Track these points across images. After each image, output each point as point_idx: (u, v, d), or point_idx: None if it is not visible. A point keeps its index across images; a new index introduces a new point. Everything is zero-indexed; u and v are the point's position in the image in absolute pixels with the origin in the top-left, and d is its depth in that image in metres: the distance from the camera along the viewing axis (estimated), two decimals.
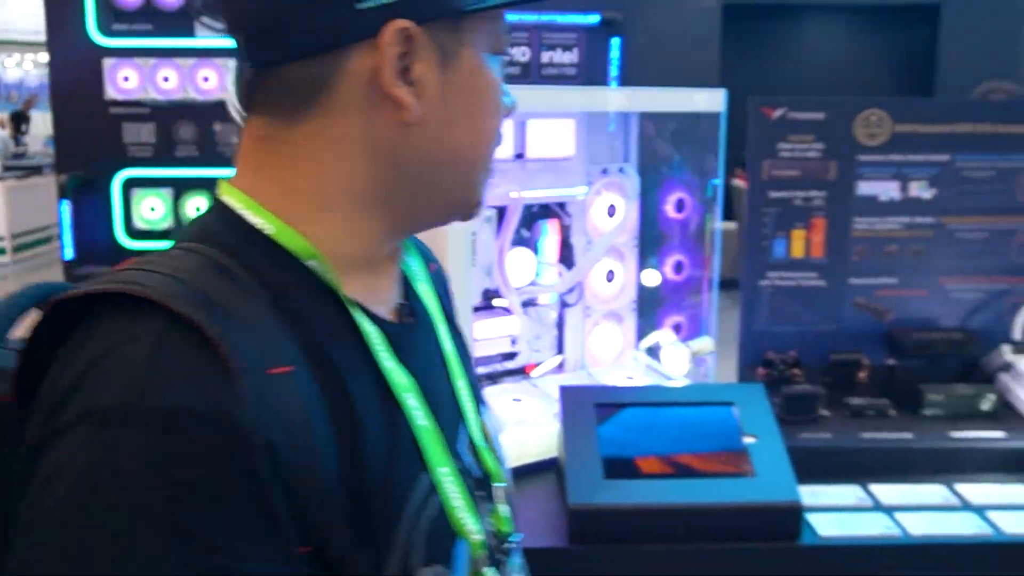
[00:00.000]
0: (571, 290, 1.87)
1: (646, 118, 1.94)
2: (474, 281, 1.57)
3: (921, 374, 1.81)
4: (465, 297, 1.52)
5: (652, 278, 2.10)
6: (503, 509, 0.85)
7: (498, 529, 0.83)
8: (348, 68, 0.68)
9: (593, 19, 3.22)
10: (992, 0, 6.33)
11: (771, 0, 6.33)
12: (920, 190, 1.88)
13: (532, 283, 1.77)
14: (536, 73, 3.43)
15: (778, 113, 1.83)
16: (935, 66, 6.44)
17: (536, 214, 1.80)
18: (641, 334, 1.99)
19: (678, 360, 1.78)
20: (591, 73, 3.40)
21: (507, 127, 1.68)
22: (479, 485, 0.82)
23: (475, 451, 0.84)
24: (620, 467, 1.44)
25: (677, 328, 2.06)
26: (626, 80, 3.42)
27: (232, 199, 0.71)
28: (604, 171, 1.89)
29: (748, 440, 1.49)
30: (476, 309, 1.71)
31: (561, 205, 1.84)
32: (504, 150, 1.70)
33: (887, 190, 1.87)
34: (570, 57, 3.38)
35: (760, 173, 1.85)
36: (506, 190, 1.67)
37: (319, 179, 0.71)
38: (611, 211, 1.90)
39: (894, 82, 6.85)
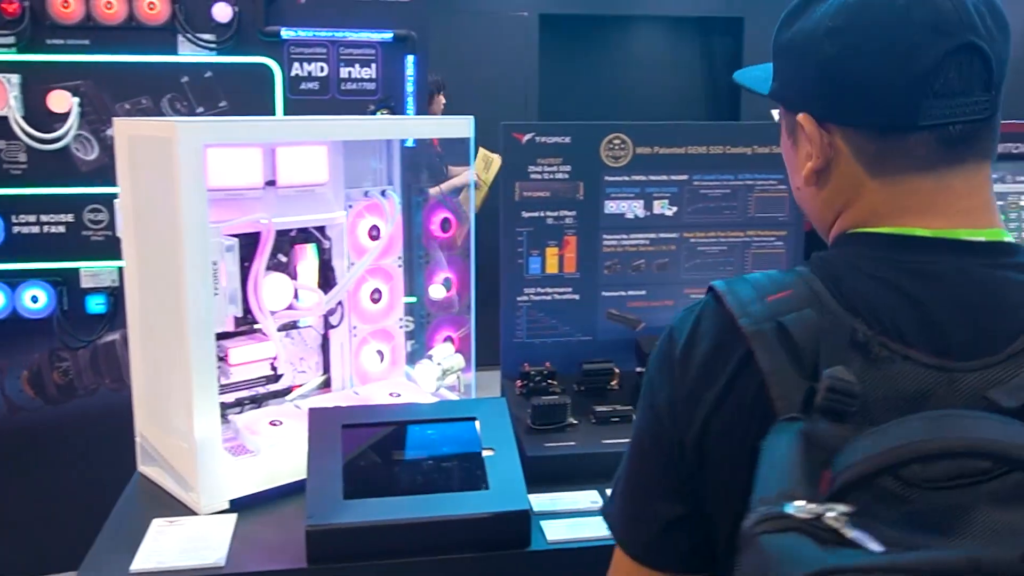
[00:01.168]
0: (332, 311, 1.91)
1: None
2: (218, 308, 1.59)
3: None
4: (206, 324, 1.54)
5: (436, 292, 2.16)
6: None
7: None
8: None
9: (387, 35, 3.27)
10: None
11: (585, 11, 6.53)
12: (663, 208, 2.01)
13: (291, 307, 1.80)
14: (335, 89, 3.45)
15: (527, 137, 1.92)
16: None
17: (294, 239, 1.83)
18: (422, 351, 2.05)
19: (429, 377, 1.85)
20: (390, 89, 3.44)
21: (256, 156, 1.71)
22: None
23: None
24: (361, 486, 1.49)
25: (450, 343, 2.14)
26: (423, 97, 3.48)
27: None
28: (366, 194, 1.94)
29: (486, 453, 1.57)
30: (227, 335, 1.73)
31: (321, 229, 1.88)
32: (253, 178, 1.72)
33: (632, 208, 2.00)
34: (368, 73, 3.41)
35: (513, 195, 1.94)
36: (256, 217, 1.69)
37: None
38: (375, 233, 1.95)
39: (706, 92, 7.19)
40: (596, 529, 1.53)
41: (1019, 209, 2.13)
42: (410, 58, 3.30)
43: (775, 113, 1.10)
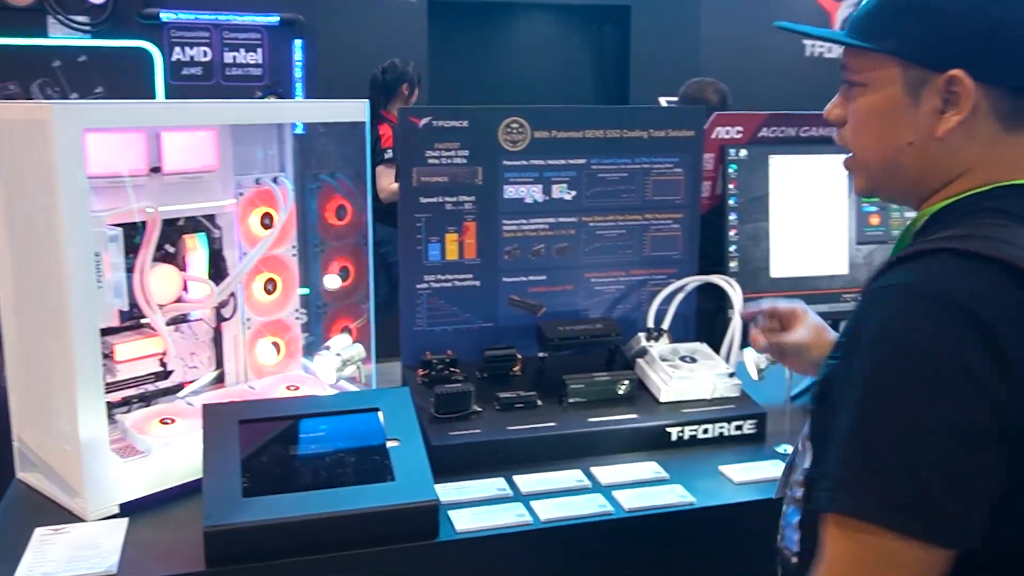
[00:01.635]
0: (225, 303, 1.84)
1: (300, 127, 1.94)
2: (102, 302, 1.50)
3: (573, 364, 1.93)
4: (90, 319, 1.45)
5: (332, 282, 2.11)
6: None
7: None
8: None
9: (273, 19, 3.17)
10: (673, 1, 6.85)
11: None
12: (562, 192, 2.00)
13: (180, 300, 1.72)
14: (219, 74, 3.33)
15: (424, 122, 1.89)
16: (629, 65, 6.88)
17: (183, 228, 1.75)
18: (319, 342, 1.99)
19: (328, 369, 1.80)
20: (277, 74, 3.34)
21: (139, 141, 1.62)
22: None
23: None
24: (262, 483, 1.44)
25: (348, 333, 2.08)
26: (313, 82, 3.39)
27: None
28: (257, 181, 1.87)
29: (391, 444, 1.53)
30: (112, 331, 1.64)
31: (211, 218, 1.80)
32: (137, 164, 1.64)
33: (532, 193, 1.98)
34: (254, 58, 3.30)
35: (411, 180, 1.90)
36: (142, 206, 1.61)
37: None
38: (267, 221, 1.88)
39: (596, 78, 7.25)
40: (502, 517, 1.51)
41: None
42: (297, 42, 3.21)
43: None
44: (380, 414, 1.58)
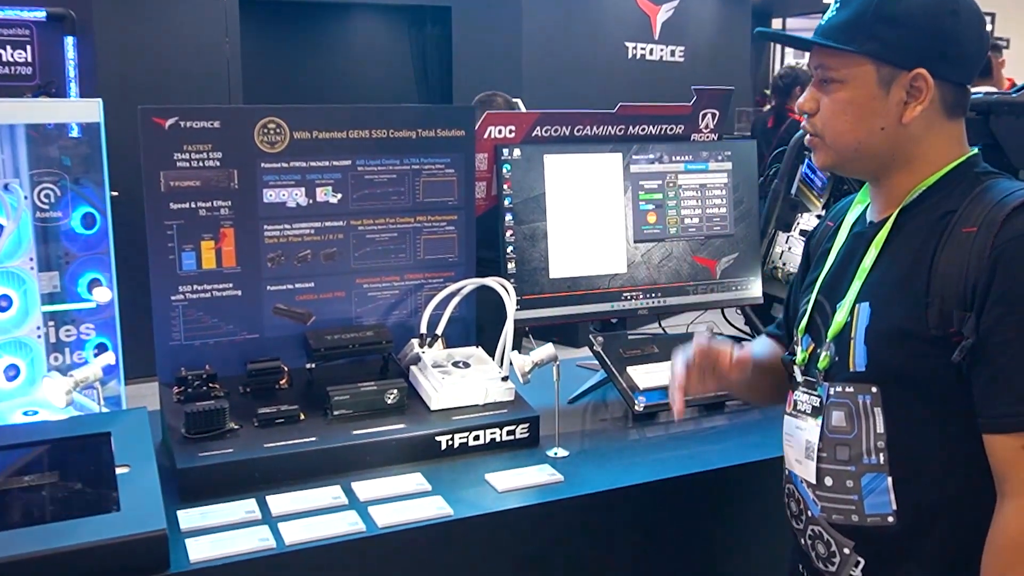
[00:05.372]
0: None
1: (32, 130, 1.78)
2: None
3: (344, 375, 1.85)
4: None
5: (102, 295, 1.96)
6: None
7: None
8: None
9: (40, 14, 2.96)
10: (494, 2, 6.86)
11: None
12: (327, 195, 1.92)
13: None
14: None
15: (170, 122, 1.77)
16: (452, 65, 6.85)
17: None
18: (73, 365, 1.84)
19: (57, 391, 1.66)
20: (50, 74, 3.12)
21: None
22: None
23: None
24: None
25: (104, 350, 1.94)
26: (90, 82, 3.19)
27: None
28: None
29: (120, 471, 1.41)
30: None
31: None
32: None
33: (294, 196, 1.89)
34: (23, 55, 3.07)
35: (158, 185, 1.78)
36: None
37: None
38: None
39: (418, 79, 7.19)
40: (244, 543, 1.42)
41: (676, 187, 2.23)
42: (69, 39, 3.00)
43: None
44: (111, 438, 1.46)
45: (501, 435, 1.80)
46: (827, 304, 1.39)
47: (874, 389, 1.29)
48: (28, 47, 3.16)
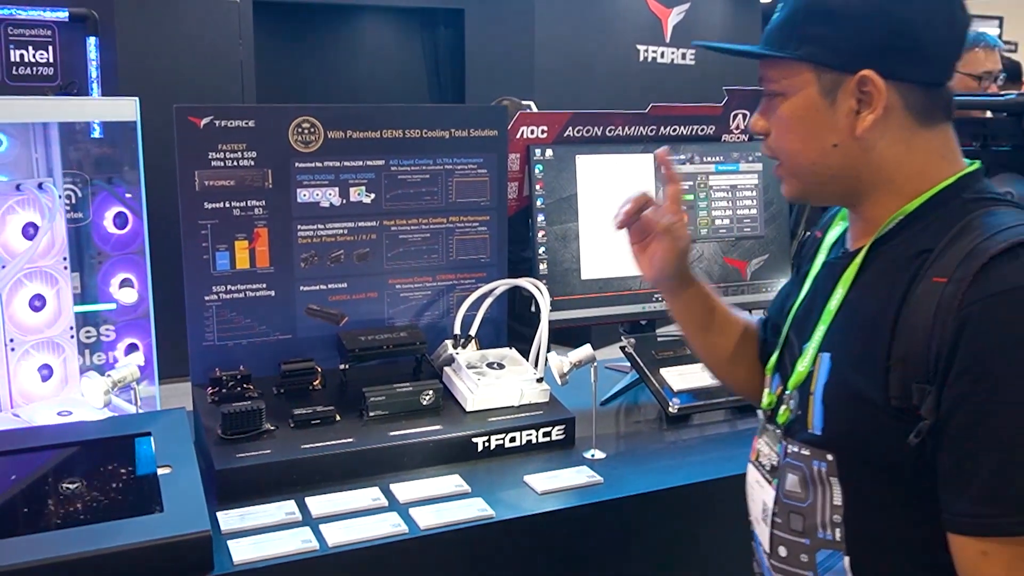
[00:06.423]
0: None
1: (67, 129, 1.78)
2: None
3: (377, 376, 1.83)
4: None
5: (128, 295, 1.95)
6: None
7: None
8: None
9: (62, 15, 2.95)
10: (507, 5, 6.86)
11: None
12: (360, 195, 1.91)
13: None
14: (5, 73, 3.08)
15: (205, 121, 1.75)
16: (464, 68, 6.84)
17: None
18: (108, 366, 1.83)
19: (96, 391, 1.65)
20: (72, 74, 3.12)
21: None
22: None
23: None
24: (6, 524, 1.28)
25: (135, 350, 1.93)
26: (112, 82, 3.18)
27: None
28: (18, 187, 1.70)
29: (162, 471, 1.40)
30: None
31: None
32: None
33: (327, 196, 1.88)
34: (44, 56, 3.07)
35: (193, 184, 1.76)
36: None
37: None
38: (30, 231, 1.71)
39: (431, 82, 7.18)
40: (286, 545, 1.41)
41: (707, 188, 2.22)
42: (91, 40, 3.00)
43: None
44: (152, 439, 1.45)
45: (537, 437, 1.79)
46: (796, 343, 1.22)
47: (830, 456, 1.10)
48: (50, 47, 3.16)
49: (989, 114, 2.08)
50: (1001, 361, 0.95)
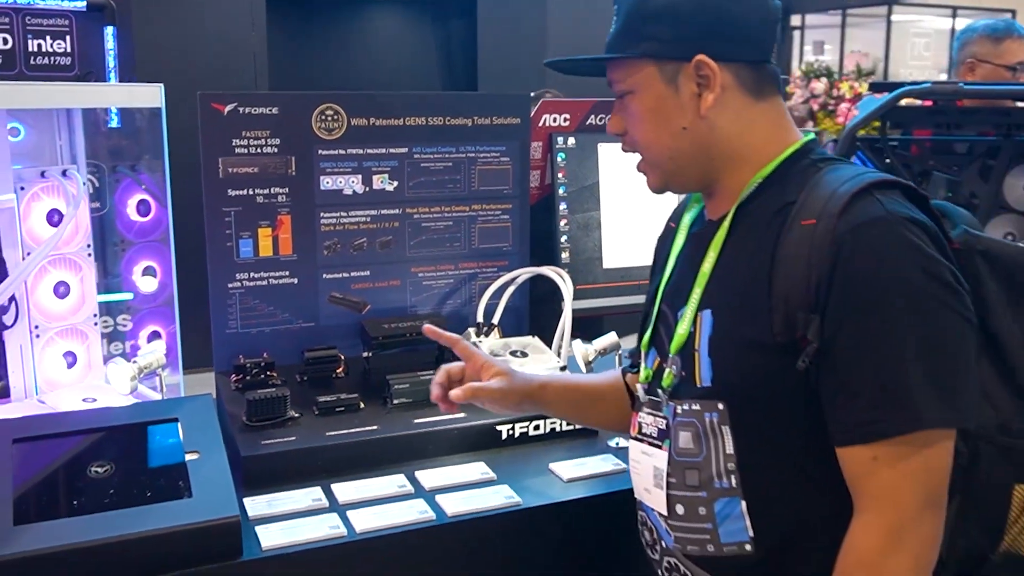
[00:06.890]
0: (5, 309, 1.66)
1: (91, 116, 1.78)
2: None
3: (400, 364, 1.83)
4: None
5: (148, 284, 1.95)
6: None
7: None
8: None
9: (80, 4, 2.94)
10: None
11: None
12: (383, 183, 1.90)
13: None
14: (23, 63, 3.06)
15: (229, 108, 1.75)
16: (476, 57, 6.82)
17: None
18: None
19: (122, 377, 1.65)
20: (90, 64, 3.11)
21: None
22: None
23: None
24: (37, 509, 1.28)
25: (156, 338, 1.93)
26: (129, 72, 3.18)
27: None
28: (43, 174, 1.70)
29: (190, 457, 1.40)
30: None
31: None
32: None
33: (350, 183, 1.88)
34: (62, 46, 3.06)
35: (216, 171, 1.76)
36: None
37: None
38: (54, 217, 1.71)
39: (443, 72, 7.16)
40: (314, 530, 1.40)
41: None
42: (109, 30, 2.99)
43: None
44: (179, 425, 1.45)
45: (561, 425, 1.78)
46: (670, 314, 1.29)
47: (720, 406, 1.17)
48: (67, 37, 3.14)
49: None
50: (875, 281, 1.07)
